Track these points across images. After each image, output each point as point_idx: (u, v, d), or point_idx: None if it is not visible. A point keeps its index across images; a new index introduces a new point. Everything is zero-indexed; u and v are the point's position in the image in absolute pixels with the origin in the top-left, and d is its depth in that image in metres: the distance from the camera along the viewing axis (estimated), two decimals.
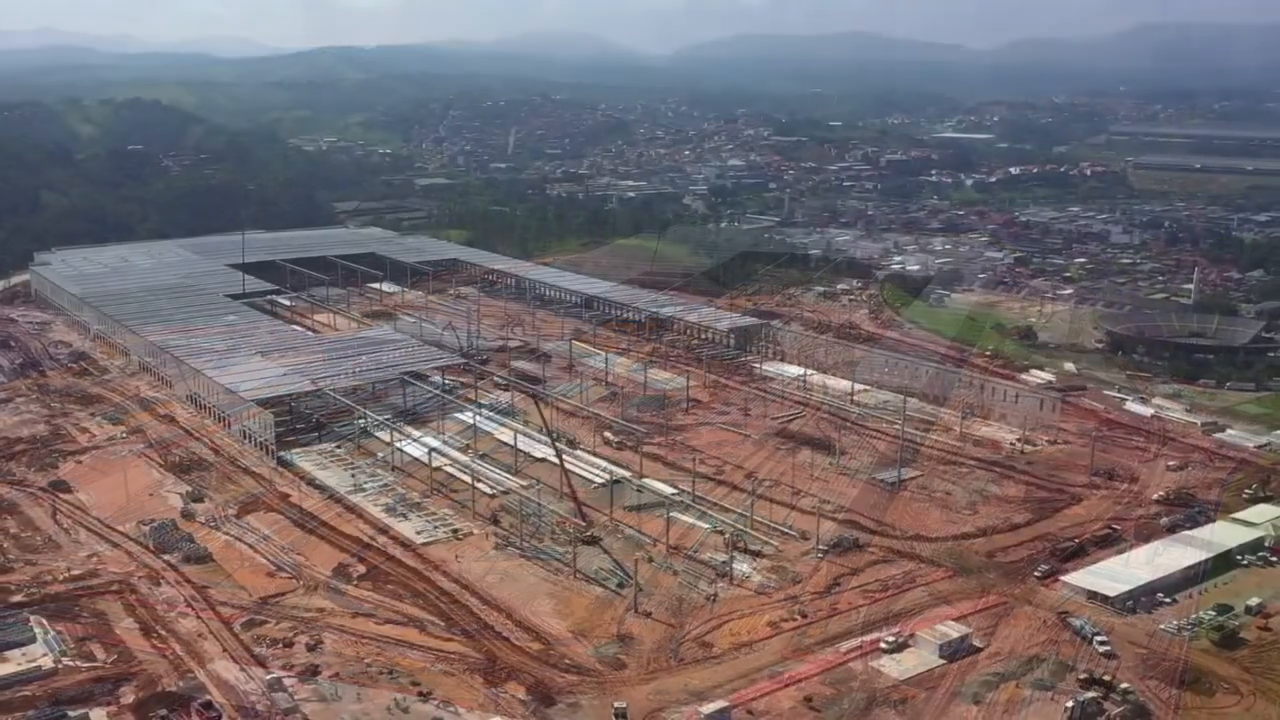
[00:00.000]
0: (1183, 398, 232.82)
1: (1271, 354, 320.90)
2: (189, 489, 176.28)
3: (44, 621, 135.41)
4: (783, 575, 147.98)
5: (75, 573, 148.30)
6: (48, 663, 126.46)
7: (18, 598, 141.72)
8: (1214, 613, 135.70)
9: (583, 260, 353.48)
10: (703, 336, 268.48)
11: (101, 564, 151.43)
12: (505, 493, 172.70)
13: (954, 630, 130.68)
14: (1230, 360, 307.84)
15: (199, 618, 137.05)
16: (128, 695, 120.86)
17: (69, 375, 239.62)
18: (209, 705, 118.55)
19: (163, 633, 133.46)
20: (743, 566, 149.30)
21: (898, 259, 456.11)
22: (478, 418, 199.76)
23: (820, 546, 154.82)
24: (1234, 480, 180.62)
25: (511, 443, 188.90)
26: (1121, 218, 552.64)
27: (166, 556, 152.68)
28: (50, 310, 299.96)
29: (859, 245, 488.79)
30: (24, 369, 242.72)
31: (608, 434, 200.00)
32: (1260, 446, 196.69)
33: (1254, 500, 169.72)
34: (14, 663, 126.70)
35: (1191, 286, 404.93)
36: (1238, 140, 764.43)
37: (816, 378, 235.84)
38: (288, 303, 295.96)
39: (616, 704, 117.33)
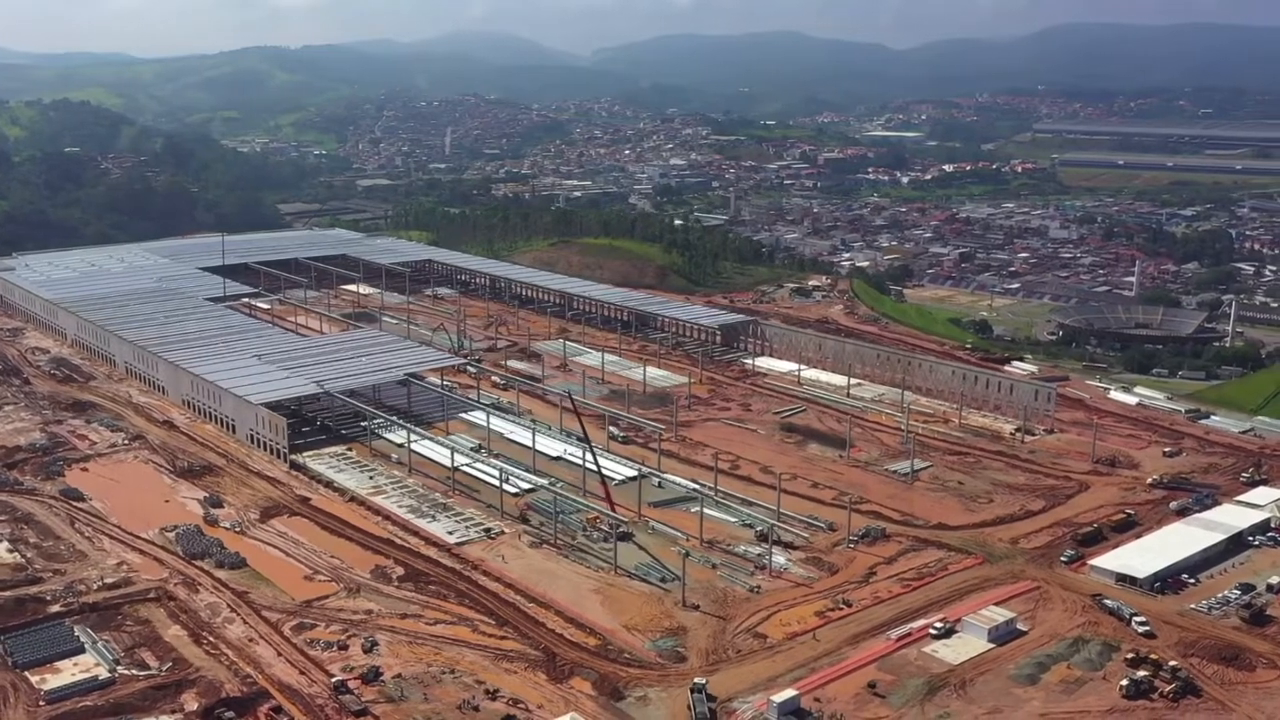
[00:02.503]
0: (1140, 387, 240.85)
1: (1216, 343, 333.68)
2: (205, 494, 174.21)
3: (89, 630, 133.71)
4: (819, 566, 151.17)
5: (109, 581, 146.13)
6: (102, 672, 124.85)
7: (55, 608, 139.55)
8: (1238, 591, 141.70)
9: (553, 259, 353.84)
10: (690, 334, 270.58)
11: (133, 571, 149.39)
12: (532, 490, 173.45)
13: (999, 615, 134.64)
14: (1179, 350, 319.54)
15: (246, 623, 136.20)
16: (191, 702, 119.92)
17: (53, 382, 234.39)
18: (278, 710, 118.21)
19: (212, 639, 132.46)
20: (779, 559, 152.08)
21: (846, 255, 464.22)
22: (491, 417, 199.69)
23: (850, 537, 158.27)
24: (1226, 464, 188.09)
25: (529, 442, 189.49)
26: (1056, 213, 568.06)
27: (199, 562, 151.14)
28: (20, 316, 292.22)
29: (806, 243, 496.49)
30: (5, 376, 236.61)
31: (611, 429, 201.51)
32: (1244, 432, 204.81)
33: (1251, 483, 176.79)
34: (68, 673, 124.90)
35: (1132, 279, 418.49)
36: (1156, 137, 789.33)
37: (809, 373, 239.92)
38: (265, 305, 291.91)
39: (696, 679, 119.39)
